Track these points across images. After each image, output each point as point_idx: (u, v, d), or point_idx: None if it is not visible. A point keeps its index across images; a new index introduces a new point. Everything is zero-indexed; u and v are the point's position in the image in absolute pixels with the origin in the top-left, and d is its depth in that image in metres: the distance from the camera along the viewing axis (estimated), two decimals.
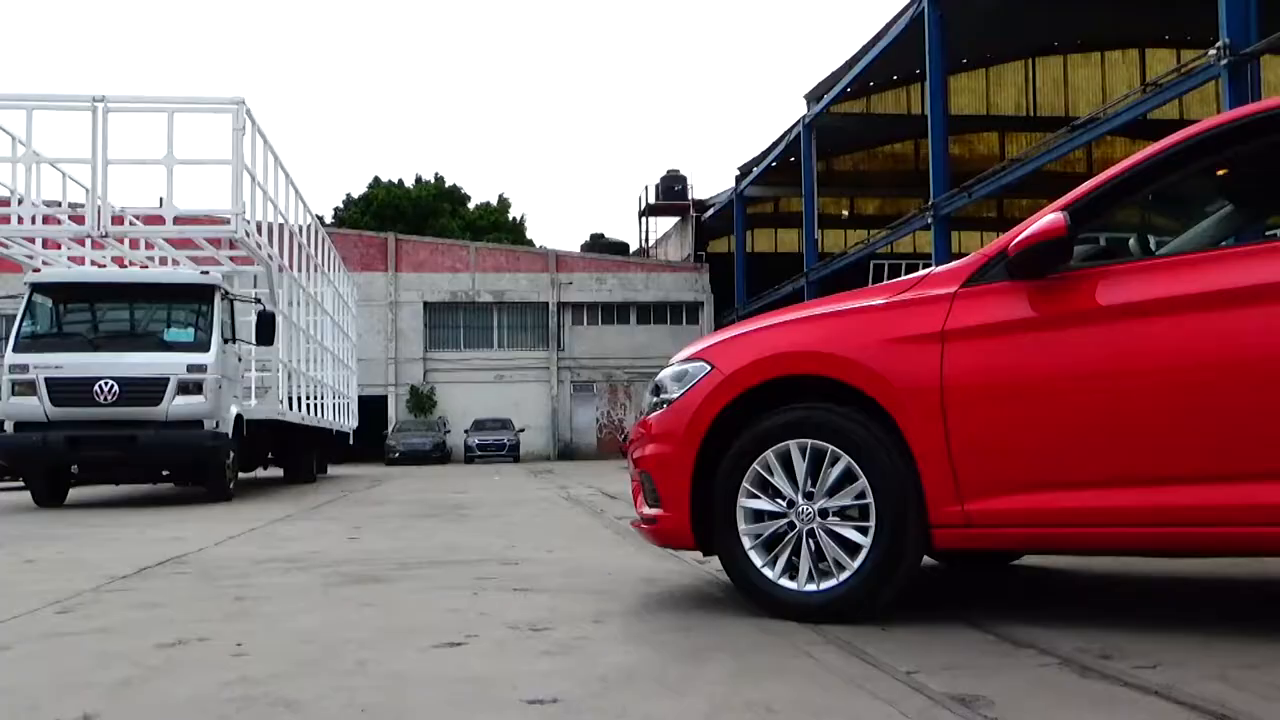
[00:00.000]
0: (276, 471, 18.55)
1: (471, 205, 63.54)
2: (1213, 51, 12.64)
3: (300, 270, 16.97)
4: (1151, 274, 3.40)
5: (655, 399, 4.11)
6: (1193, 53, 21.30)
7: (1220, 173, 4.13)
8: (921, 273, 3.79)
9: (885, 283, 3.99)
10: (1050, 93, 38.02)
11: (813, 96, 33.15)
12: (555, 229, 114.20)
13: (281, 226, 15.48)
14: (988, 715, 2.44)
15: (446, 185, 62.80)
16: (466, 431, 38.55)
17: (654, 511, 4.00)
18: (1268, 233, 9.69)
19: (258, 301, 14.05)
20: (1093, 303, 3.35)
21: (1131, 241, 4.12)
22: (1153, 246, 4.22)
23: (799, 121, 33.03)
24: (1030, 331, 3.41)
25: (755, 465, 3.70)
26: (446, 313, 43.05)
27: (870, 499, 3.51)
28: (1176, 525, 3.17)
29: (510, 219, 64.50)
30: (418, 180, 62.68)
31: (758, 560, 3.69)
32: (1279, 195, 5.10)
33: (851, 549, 3.53)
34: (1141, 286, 3.33)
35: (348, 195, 62.26)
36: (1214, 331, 3.16)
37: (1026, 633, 3.33)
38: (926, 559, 3.85)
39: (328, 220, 55.47)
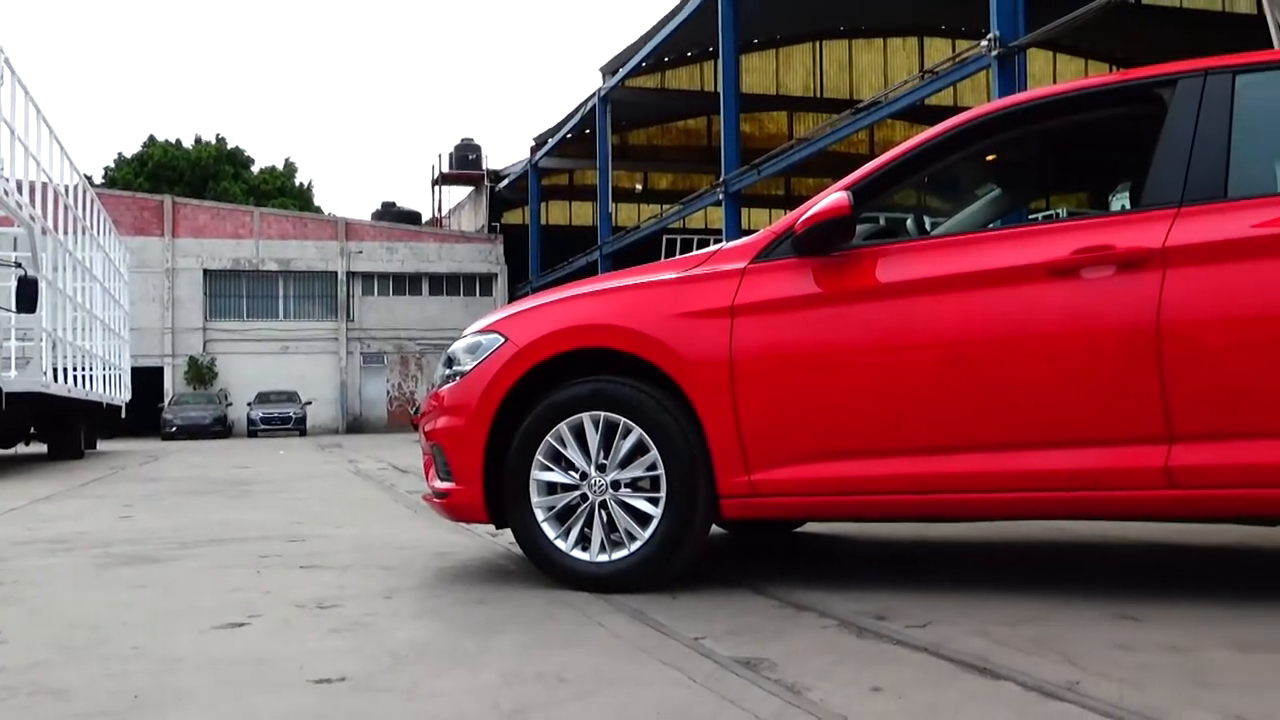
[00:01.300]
0: (40, 448, 17.44)
1: (255, 169, 61.08)
2: (984, 43, 13.33)
3: (66, 233, 15.92)
4: (926, 253, 3.58)
5: (448, 371, 4.05)
6: (967, 43, 22.40)
7: (990, 158, 4.37)
8: (712, 248, 3.87)
9: (677, 257, 4.05)
10: (836, 75, 39.33)
11: (609, 70, 33.30)
12: (345, 196, 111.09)
13: (45, 186, 14.46)
14: (771, 676, 2.52)
15: (229, 147, 60.13)
16: (250, 405, 37.17)
17: (446, 485, 3.96)
18: (1030, 215, 10.33)
19: (18, 266, 13.11)
20: (872, 280, 3.49)
21: (909, 221, 4.32)
22: (928, 227, 4.43)
23: (594, 94, 33.10)
24: (814, 307, 3.53)
25: (548, 438, 3.71)
26: (228, 281, 41.33)
27: (661, 470, 3.56)
28: (949, 492, 3.35)
29: (297, 184, 62.34)
30: (197, 141, 59.80)
31: (551, 532, 3.70)
32: (1041, 181, 5.45)
33: (643, 519, 3.58)
34: (916, 265, 3.49)
35: (119, 154, 59.09)
36: (981, 309, 3.35)
37: (808, 597, 3.46)
38: (715, 528, 3.95)
39: (97, 180, 52.29)
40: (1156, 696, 2.28)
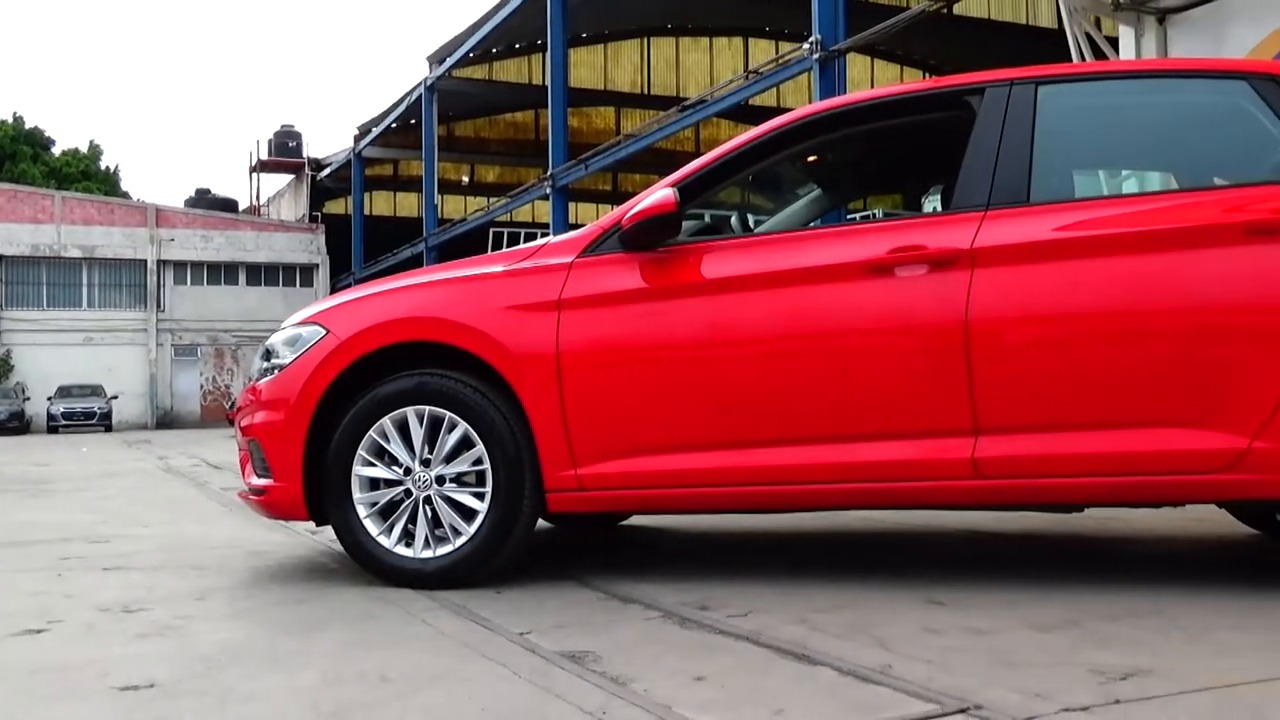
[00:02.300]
0: None
1: (57, 151, 57.76)
2: (806, 46, 13.67)
3: None
4: (749, 250, 3.66)
5: (265, 364, 3.93)
6: (790, 45, 22.96)
7: (810, 159, 4.49)
8: (540, 242, 3.86)
9: (505, 250, 4.03)
10: (664, 73, 39.74)
11: (436, 59, 32.80)
12: (156, 182, 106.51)
13: None
14: (596, 669, 2.53)
15: (27, 127, 56.67)
16: (50, 399, 35.16)
17: (264, 482, 3.83)
18: (848, 215, 10.64)
19: None
20: (697, 276, 3.55)
21: (733, 219, 4.40)
22: (751, 224, 4.52)
23: (421, 83, 32.58)
24: (640, 302, 3.56)
25: (372, 433, 3.63)
26: (26, 268, 39.01)
27: (487, 465, 3.54)
28: (771, 485, 3.43)
29: (103, 168, 59.26)
30: None
31: (373, 529, 3.63)
32: (859, 182, 5.62)
33: (468, 515, 3.55)
34: (740, 262, 3.57)
35: None
36: (801, 305, 3.44)
37: (633, 589, 3.49)
38: (542, 522, 3.95)
39: None
40: (963, 677, 2.39)
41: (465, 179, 43.63)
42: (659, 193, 3.53)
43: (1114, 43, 9.66)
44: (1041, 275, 3.28)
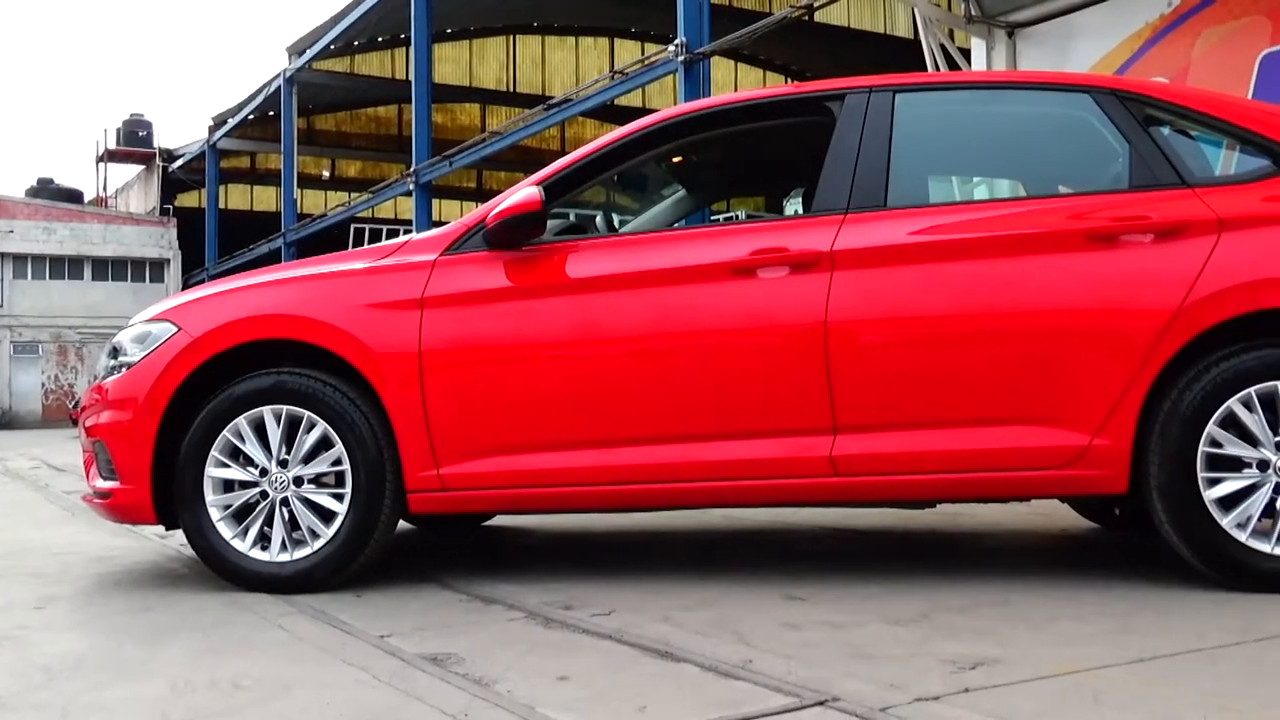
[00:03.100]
0: None
1: None
2: (671, 48, 13.78)
3: None
4: (614, 250, 3.67)
5: (113, 363, 3.77)
6: (655, 47, 23.11)
7: (676, 160, 4.53)
8: (402, 239, 3.80)
9: (367, 247, 3.96)
10: (530, 71, 39.57)
11: (295, 50, 31.99)
12: None
13: None
14: (459, 671, 2.51)
15: None
16: None
17: (109, 485, 3.68)
18: (712, 217, 10.77)
19: None
20: (561, 275, 3.54)
21: (599, 219, 4.41)
22: (617, 224, 4.54)
23: (279, 75, 31.73)
24: (504, 301, 3.54)
25: (226, 433, 3.52)
26: None
27: (346, 466, 3.47)
28: (636, 483, 3.45)
29: None
30: None
31: (227, 532, 3.52)
32: (723, 183, 5.69)
33: (327, 517, 3.47)
34: (605, 261, 3.57)
35: None
36: (666, 305, 3.47)
37: (496, 590, 3.47)
38: (403, 523, 3.89)
39: None
40: (821, 670, 2.44)
41: (326, 174, 42.69)
42: (524, 191, 3.52)
43: (967, 54, 10.00)
44: (897, 278, 3.38)
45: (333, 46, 30.50)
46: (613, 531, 4.95)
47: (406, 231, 23.41)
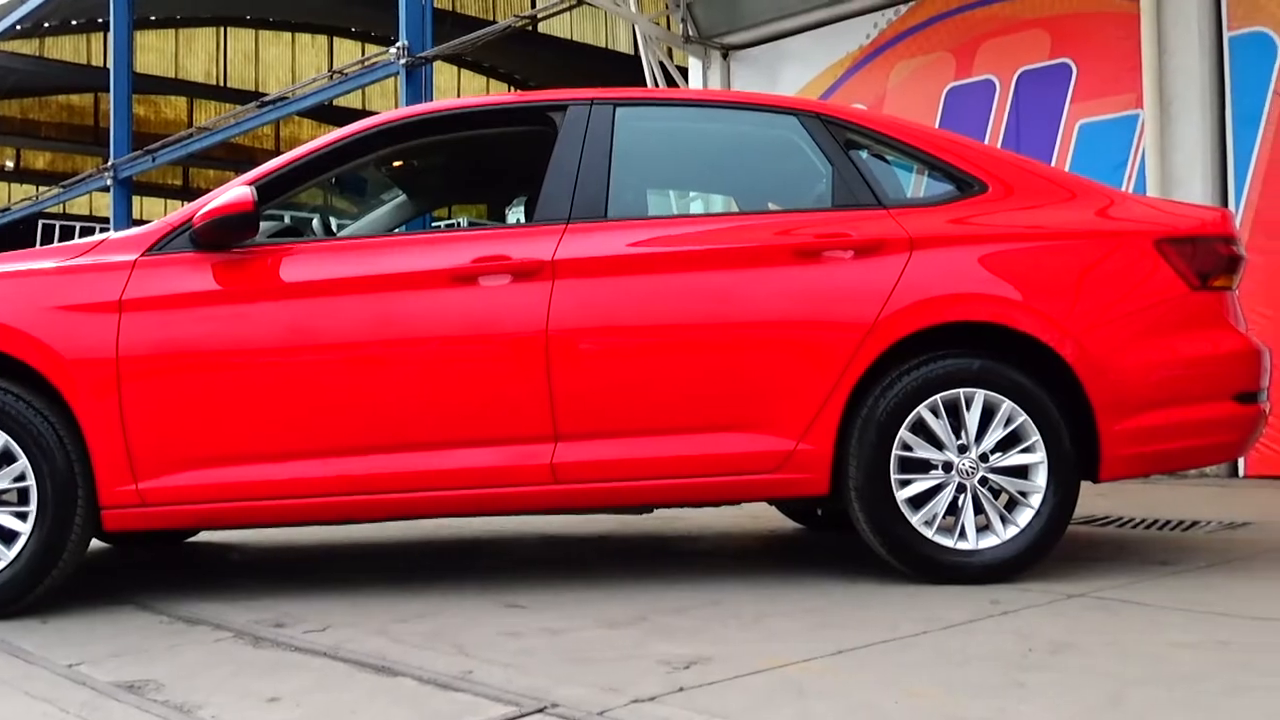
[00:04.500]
0: None
1: None
2: (393, 51, 13.54)
3: None
4: (331, 254, 3.57)
5: None
6: (376, 48, 22.62)
7: (396, 164, 4.45)
8: (99, 237, 3.56)
9: (58, 245, 3.67)
10: (242, 65, 37.88)
11: None
12: None
13: None
14: (158, 698, 2.36)
15: None
16: None
17: None
18: (433, 223, 10.65)
19: None
20: (275, 279, 3.40)
21: (315, 221, 4.27)
22: (334, 228, 4.41)
23: None
24: (212, 305, 3.36)
25: None
26: None
27: (31, 481, 3.19)
28: (353, 495, 3.35)
29: None
30: None
31: None
32: (445, 189, 5.64)
33: (8, 538, 3.18)
34: (322, 266, 3.46)
35: None
36: (386, 312, 3.40)
37: (201, 610, 3.29)
38: (97, 541, 3.63)
39: None
40: (539, 677, 2.45)
41: (9, 164, 39.33)
42: (235, 190, 3.36)
43: (685, 72, 10.34)
44: (616, 288, 3.45)
45: (19, 27, 28.13)
46: (328, 544, 4.80)
47: (103, 229, 21.85)
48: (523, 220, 4.54)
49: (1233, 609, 3.03)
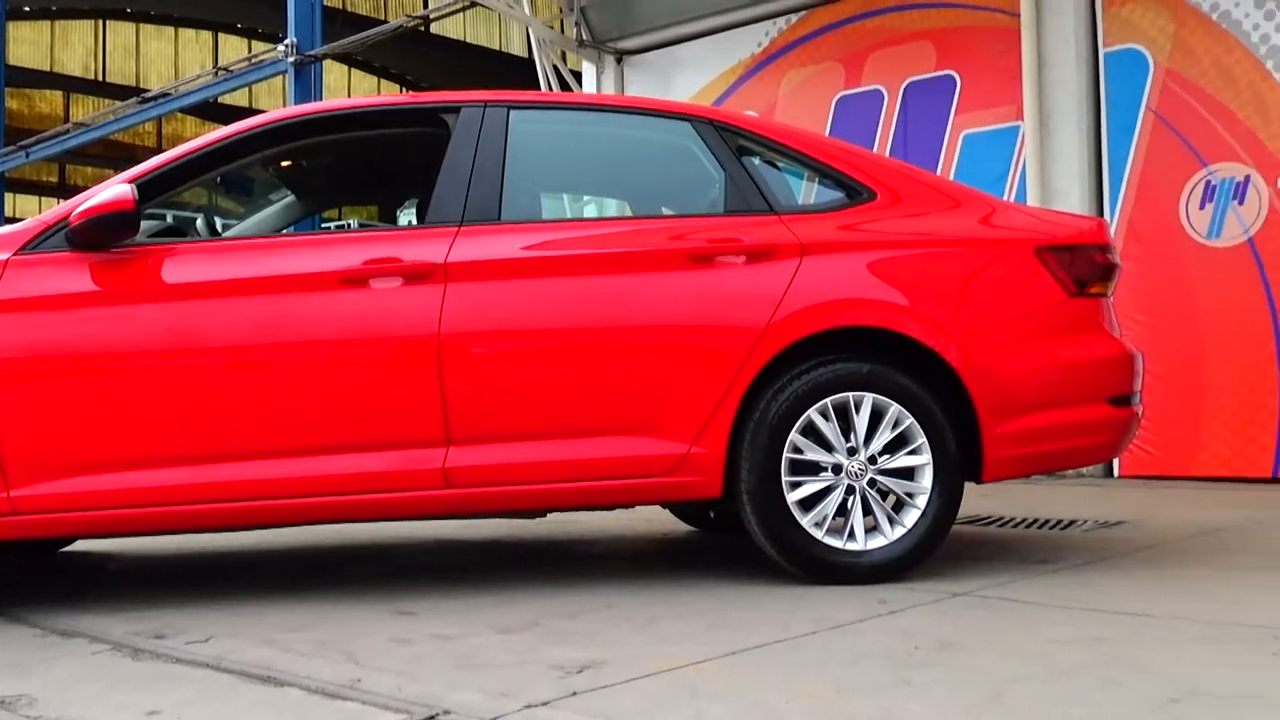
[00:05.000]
0: None
1: None
2: (281, 48, 13.28)
3: None
4: (216, 255, 3.48)
5: None
6: (264, 45, 22.17)
7: (284, 164, 4.36)
8: None
9: None
10: (122, 60, 36.73)
11: None
12: None
13: None
14: (29, 714, 2.27)
15: None
16: None
17: None
18: (323, 224, 10.48)
19: None
20: (156, 280, 3.30)
21: (199, 221, 4.16)
22: (219, 228, 4.30)
23: None
24: (89, 306, 3.25)
25: None
26: None
27: None
28: (240, 501, 3.27)
29: None
30: None
31: None
32: (335, 190, 5.55)
33: None
34: (205, 267, 3.38)
35: None
36: (272, 314, 3.33)
37: (77, 621, 3.17)
38: None
39: None
40: (431, 684, 2.42)
41: None
42: (115, 188, 3.25)
43: (579, 76, 10.34)
44: (510, 292, 3.43)
45: None
46: (212, 552, 4.68)
47: None
48: (414, 222, 4.48)
49: (1108, 605, 3.13)
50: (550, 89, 9.82)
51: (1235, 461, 6.60)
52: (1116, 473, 7.04)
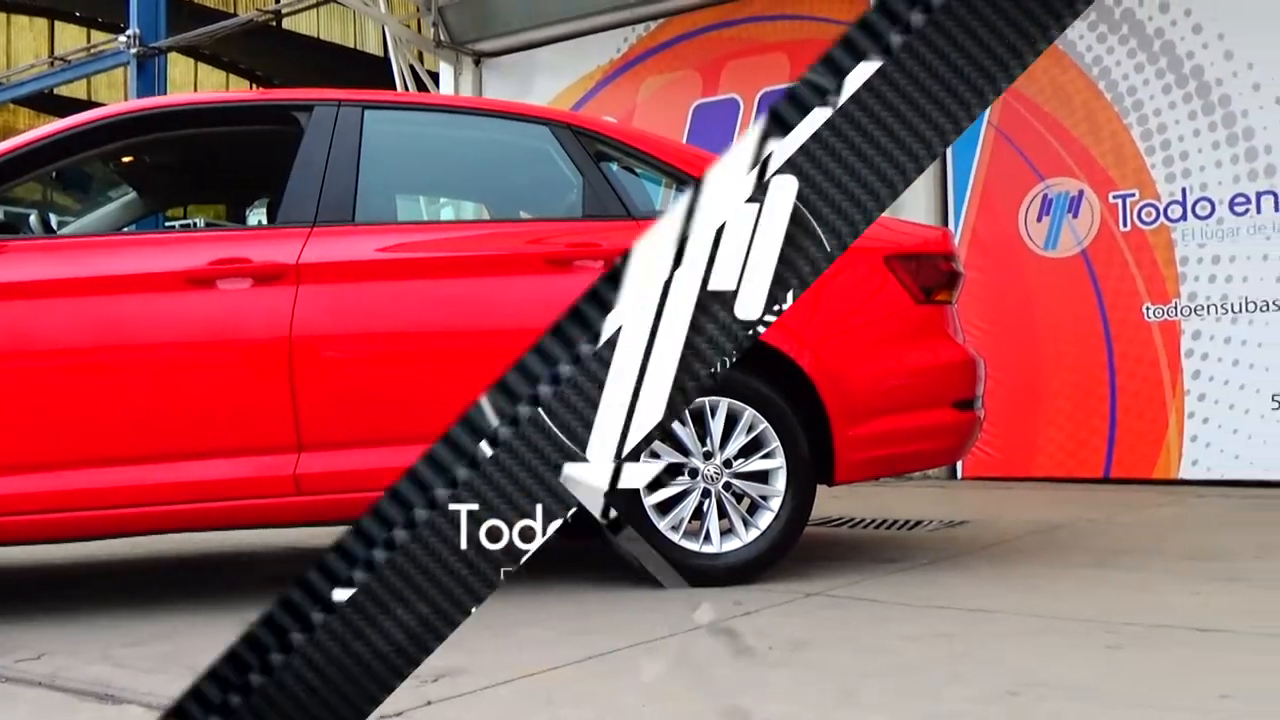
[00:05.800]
0: None
1: None
2: (123, 39, 12.79)
3: None
4: (51, 254, 3.33)
5: None
6: (104, 36, 21.30)
7: (126, 159, 4.20)
8: None
9: None
10: None
11: None
12: None
13: None
14: None
15: None
16: None
17: None
18: (167, 223, 10.12)
19: None
20: None
21: (33, 218, 3.97)
22: (55, 225, 4.11)
23: None
24: None
25: None
26: None
27: None
28: (77, 510, 3.13)
29: None
30: None
31: None
32: (180, 188, 5.37)
33: None
34: (40, 266, 3.23)
35: None
36: (112, 315, 3.20)
37: None
38: None
39: None
40: None
41: None
42: None
43: (436, 77, 10.22)
44: (363, 294, 3.37)
45: None
46: (44, 565, 4.46)
47: None
48: (265, 222, 4.36)
49: (954, 602, 3.24)
50: (406, 89, 9.68)
51: (1070, 463, 6.92)
52: (960, 474, 7.30)
